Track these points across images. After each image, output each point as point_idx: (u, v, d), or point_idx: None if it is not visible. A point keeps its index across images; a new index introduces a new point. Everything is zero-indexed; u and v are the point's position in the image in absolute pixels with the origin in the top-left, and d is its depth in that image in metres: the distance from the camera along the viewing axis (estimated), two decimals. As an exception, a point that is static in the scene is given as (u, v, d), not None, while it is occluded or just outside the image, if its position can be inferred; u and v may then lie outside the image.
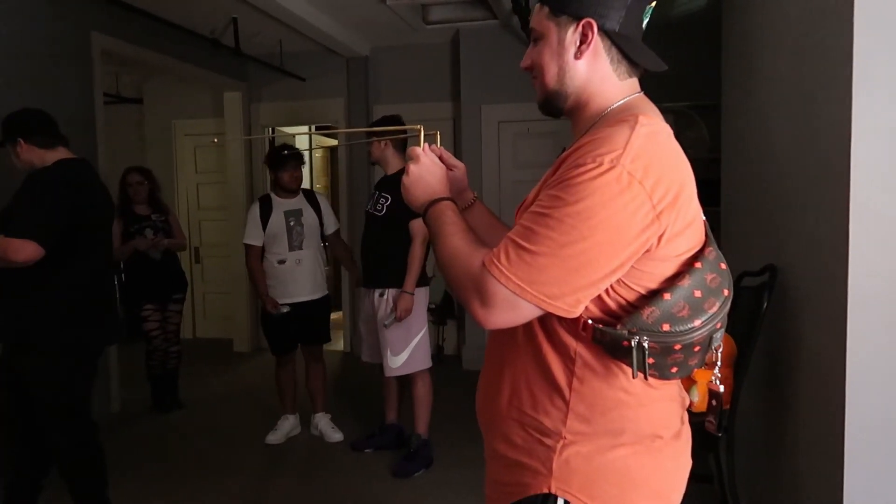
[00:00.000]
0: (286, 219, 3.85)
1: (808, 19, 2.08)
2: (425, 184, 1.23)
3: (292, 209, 3.87)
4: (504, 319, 1.04)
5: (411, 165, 1.25)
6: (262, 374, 5.55)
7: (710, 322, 1.05)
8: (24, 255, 2.39)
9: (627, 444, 1.09)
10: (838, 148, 1.77)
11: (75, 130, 4.12)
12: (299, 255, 3.85)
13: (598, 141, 1.01)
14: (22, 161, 2.66)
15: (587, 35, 1.10)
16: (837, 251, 1.78)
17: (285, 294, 3.84)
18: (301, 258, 3.85)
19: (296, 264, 3.84)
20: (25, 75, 3.74)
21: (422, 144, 1.29)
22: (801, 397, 2.14)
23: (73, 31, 4.10)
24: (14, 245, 2.38)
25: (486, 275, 1.02)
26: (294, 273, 3.85)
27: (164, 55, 4.92)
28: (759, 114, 2.77)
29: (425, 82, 5.88)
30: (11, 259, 2.39)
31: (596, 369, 1.08)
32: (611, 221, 0.96)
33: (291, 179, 3.87)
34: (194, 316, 6.78)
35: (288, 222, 3.85)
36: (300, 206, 3.91)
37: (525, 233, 1.01)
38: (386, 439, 3.77)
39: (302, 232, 3.86)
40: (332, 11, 4.90)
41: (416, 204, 1.24)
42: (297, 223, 3.86)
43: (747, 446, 2.81)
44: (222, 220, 6.49)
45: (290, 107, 6.16)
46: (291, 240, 3.84)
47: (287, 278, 3.84)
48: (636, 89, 1.16)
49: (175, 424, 4.33)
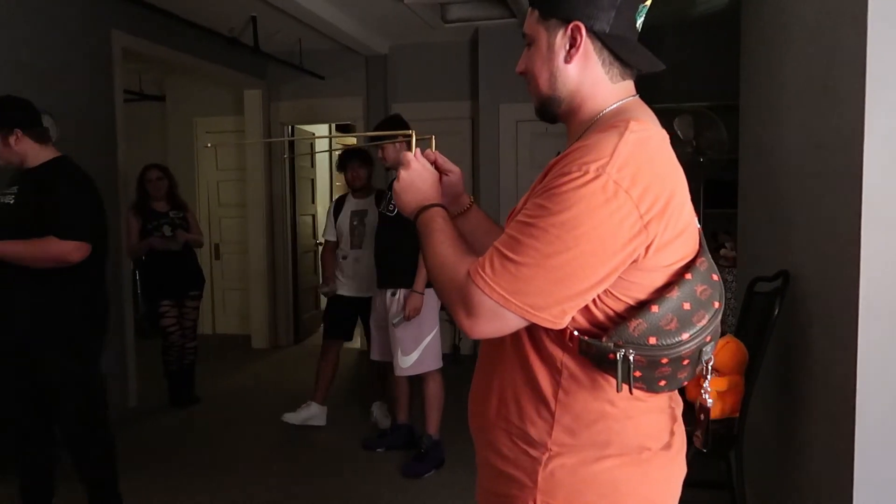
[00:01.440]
0: (351, 218, 4.06)
1: (822, 21, 2.04)
2: (416, 190, 1.22)
3: (358, 209, 4.06)
4: (489, 330, 1.03)
5: (402, 171, 1.24)
6: (279, 370, 5.59)
7: (698, 335, 1.02)
8: (80, 256, 2.43)
9: (613, 455, 1.07)
10: (850, 152, 1.73)
11: (96, 127, 4.20)
12: (358, 254, 4.03)
13: (585, 148, 0.99)
14: (12, 153, 2.53)
15: (576, 38, 1.07)
16: (848, 257, 1.74)
17: (342, 287, 4.10)
18: (359, 257, 4.02)
19: (354, 262, 4.05)
20: (47, 73, 3.80)
21: (413, 149, 1.27)
22: (812, 404, 2.10)
23: (93, 30, 4.16)
24: (74, 246, 2.42)
25: (470, 284, 1.01)
26: (352, 269, 4.06)
27: (184, 53, 4.97)
28: (774, 116, 2.73)
29: (444, 81, 5.87)
30: (69, 260, 2.43)
31: (582, 381, 1.07)
32: (596, 231, 0.94)
33: (353, 178, 4.05)
34: (214, 312, 6.86)
35: (352, 221, 4.05)
36: (366, 207, 4.04)
37: (510, 242, 0.99)
38: (397, 439, 3.78)
39: (364, 232, 4.02)
40: (352, 10, 4.91)
41: (407, 210, 1.22)
42: (360, 223, 4.04)
43: (759, 452, 2.78)
44: (242, 217, 6.55)
45: (309, 105, 6.19)
46: (353, 238, 4.05)
47: (346, 273, 4.09)
48: (630, 92, 1.13)
49: (190, 420, 4.37)
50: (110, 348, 4.30)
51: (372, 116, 5.97)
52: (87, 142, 4.07)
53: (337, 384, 4.88)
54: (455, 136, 5.82)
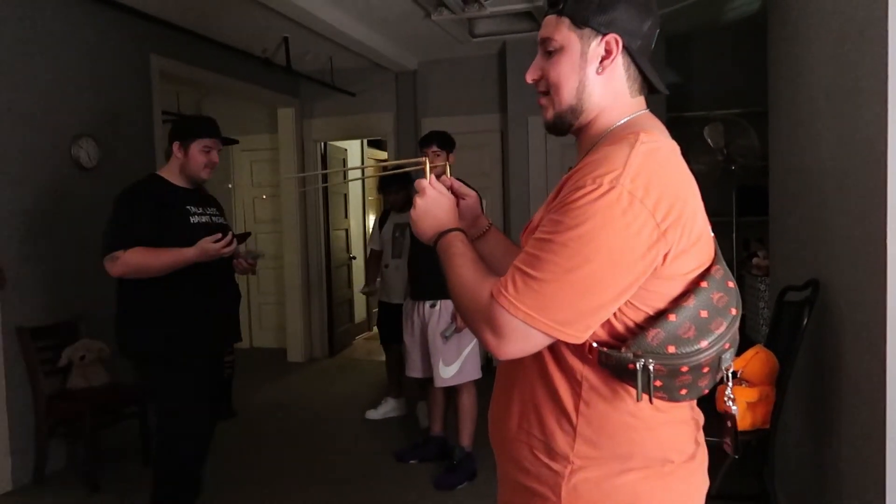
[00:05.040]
0: (393, 230, 4.42)
1: (845, 26, 2.03)
2: (433, 217, 1.23)
3: (401, 222, 4.36)
4: (516, 350, 1.03)
5: (418, 199, 1.25)
6: (314, 383, 5.66)
7: (717, 343, 1.02)
8: None
9: (636, 468, 1.07)
10: (874, 160, 1.72)
11: (136, 148, 4.34)
12: (398, 263, 4.32)
13: (597, 161, 1.00)
14: None
15: (611, 51, 1.09)
16: (876, 266, 1.73)
17: (383, 293, 4.53)
18: (399, 265, 4.29)
19: (395, 270, 4.37)
20: (88, 96, 3.95)
21: (428, 176, 1.28)
22: (843, 415, 2.08)
23: (133, 54, 4.31)
24: None
25: (494, 305, 1.01)
26: (393, 278, 4.41)
27: (220, 74, 5.12)
28: (800, 123, 2.71)
29: (473, 94, 5.92)
30: None
31: (602, 392, 1.07)
32: (614, 242, 0.95)
33: (392, 202, 4.48)
34: (251, 326, 6.97)
35: (394, 233, 4.40)
36: (407, 221, 4.08)
37: (530, 260, 1.00)
38: (430, 451, 3.80)
39: (403, 243, 4.27)
40: (381, 28, 5.00)
41: (426, 237, 1.23)
42: (402, 235, 4.33)
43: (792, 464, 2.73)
44: (277, 233, 6.66)
45: (340, 122, 6.29)
46: (394, 249, 4.38)
47: (388, 280, 4.48)
48: (642, 106, 1.15)
49: (228, 433, 4.45)
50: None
51: (402, 131, 6.05)
52: (127, 162, 4.21)
53: (371, 396, 4.94)
54: (485, 149, 5.85)
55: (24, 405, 3.51)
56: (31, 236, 3.58)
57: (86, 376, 3.62)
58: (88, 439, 3.45)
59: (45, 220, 3.66)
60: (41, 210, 3.64)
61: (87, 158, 3.93)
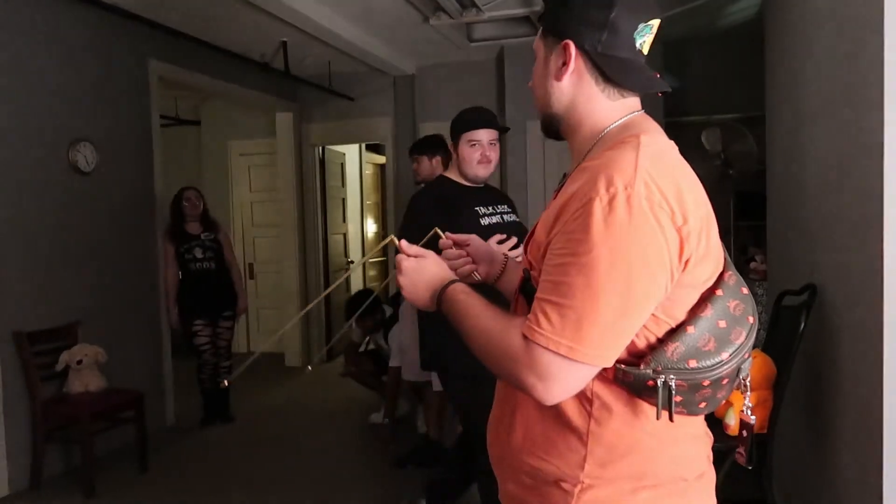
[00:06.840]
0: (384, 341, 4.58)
1: (842, 29, 2.04)
2: (422, 283, 1.17)
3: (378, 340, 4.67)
4: (564, 390, 0.97)
5: (399, 278, 1.19)
6: (312, 388, 5.65)
7: (737, 353, 0.99)
8: None
9: (649, 486, 1.02)
10: (871, 164, 1.72)
11: (134, 152, 4.34)
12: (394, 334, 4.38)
13: (602, 168, 0.95)
14: None
15: (566, 57, 1.06)
16: (872, 271, 1.73)
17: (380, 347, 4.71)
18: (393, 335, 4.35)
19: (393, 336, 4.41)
20: (86, 101, 3.95)
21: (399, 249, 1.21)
22: (840, 419, 2.08)
23: (132, 59, 4.31)
24: None
25: (532, 346, 0.95)
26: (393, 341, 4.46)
27: (218, 79, 5.12)
28: (798, 127, 2.71)
29: (471, 99, 5.86)
30: None
31: (615, 410, 1.02)
32: (643, 252, 0.92)
33: (366, 328, 4.70)
34: (248, 331, 6.96)
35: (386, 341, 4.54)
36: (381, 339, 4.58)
37: (557, 288, 0.94)
38: (426, 456, 3.79)
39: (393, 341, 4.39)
40: (379, 32, 5.00)
41: (425, 305, 1.18)
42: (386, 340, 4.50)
43: (790, 467, 2.73)
44: (275, 237, 6.66)
45: (339, 126, 6.29)
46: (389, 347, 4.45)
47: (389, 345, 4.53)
48: (635, 107, 1.09)
49: (225, 438, 4.45)
50: (147, 366, 4.42)
51: (400, 136, 6.05)
52: (125, 166, 4.22)
53: (368, 401, 4.93)
54: (483, 153, 5.85)
55: (21, 409, 3.50)
56: (28, 240, 3.58)
57: (83, 381, 3.61)
58: (85, 444, 3.44)
59: (42, 224, 3.66)
60: (39, 214, 3.64)
61: (86, 163, 3.93)
